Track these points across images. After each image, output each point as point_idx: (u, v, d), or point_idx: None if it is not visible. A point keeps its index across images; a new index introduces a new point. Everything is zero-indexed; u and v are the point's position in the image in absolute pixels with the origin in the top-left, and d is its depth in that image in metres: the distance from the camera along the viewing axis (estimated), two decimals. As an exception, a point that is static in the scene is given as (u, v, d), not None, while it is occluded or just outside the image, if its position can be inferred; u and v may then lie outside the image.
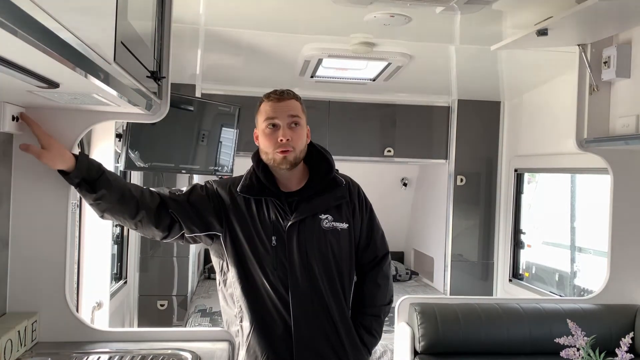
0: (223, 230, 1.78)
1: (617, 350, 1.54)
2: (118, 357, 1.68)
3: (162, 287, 4.01)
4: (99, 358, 1.67)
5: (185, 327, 3.62)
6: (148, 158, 3.06)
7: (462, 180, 4.39)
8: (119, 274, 3.53)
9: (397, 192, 5.57)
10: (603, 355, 1.53)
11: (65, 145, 1.70)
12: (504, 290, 4.23)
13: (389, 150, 4.47)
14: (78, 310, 2.51)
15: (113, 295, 3.09)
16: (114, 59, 1.21)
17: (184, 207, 1.77)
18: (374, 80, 3.89)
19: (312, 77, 3.76)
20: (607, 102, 2.63)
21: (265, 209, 1.77)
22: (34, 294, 1.75)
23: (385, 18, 2.59)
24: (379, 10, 2.52)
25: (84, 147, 2.61)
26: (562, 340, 1.58)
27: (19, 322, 1.63)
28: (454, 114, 4.39)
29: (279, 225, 1.75)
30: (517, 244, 4.17)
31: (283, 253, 1.74)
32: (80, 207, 2.52)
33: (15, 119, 1.60)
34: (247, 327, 1.77)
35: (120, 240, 3.54)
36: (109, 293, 2.84)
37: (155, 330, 1.91)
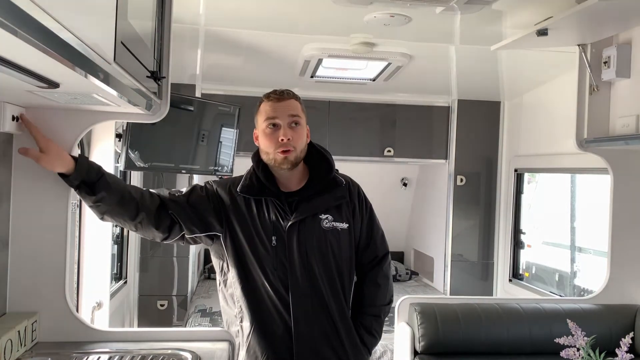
0: (223, 231, 1.78)
1: (617, 350, 1.54)
2: (118, 357, 1.68)
3: (162, 287, 4.01)
4: (99, 358, 1.67)
5: (185, 327, 3.62)
6: (148, 158, 3.06)
7: (462, 180, 4.38)
8: (119, 274, 3.54)
9: (397, 192, 5.56)
10: (603, 355, 1.53)
11: (66, 145, 1.71)
12: (504, 290, 4.22)
13: (389, 150, 4.47)
14: (78, 310, 2.51)
15: (113, 295, 3.09)
16: (114, 59, 1.21)
17: (184, 208, 1.77)
18: (374, 80, 3.89)
19: (312, 77, 3.76)
20: (607, 102, 2.63)
21: (265, 209, 1.77)
22: (34, 294, 1.75)
23: (385, 18, 2.59)
24: (379, 10, 2.52)
25: (84, 147, 2.61)
26: (562, 340, 1.58)
27: (19, 322, 1.63)
28: (454, 114, 4.39)
29: (279, 226, 1.76)
30: (517, 244, 4.17)
31: (283, 253, 1.74)
32: (80, 207, 2.52)
33: (15, 119, 1.60)
34: (247, 327, 1.77)
35: (120, 240, 3.54)
36: (109, 293, 2.84)
37: (155, 330, 1.91)
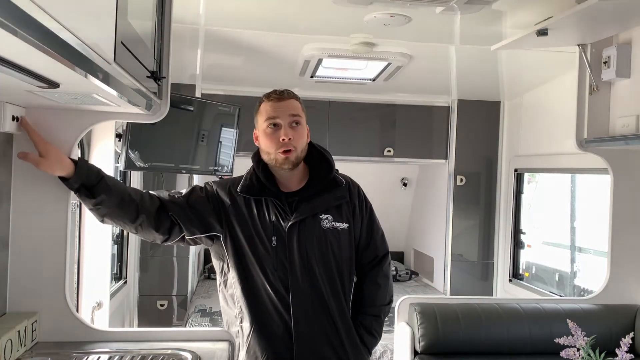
0: (223, 231, 1.78)
1: (617, 350, 1.54)
2: (118, 357, 1.68)
3: (162, 287, 4.01)
4: (99, 358, 1.67)
5: (185, 327, 3.62)
6: (148, 158, 3.06)
7: (462, 180, 4.38)
8: (119, 274, 3.54)
9: (397, 192, 5.56)
10: (603, 356, 1.53)
11: (66, 145, 1.71)
12: (504, 290, 4.22)
13: (389, 150, 4.47)
14: (78, 310, 2.51)
15: (113, 295, 3.09)
16: (114, 59, 1.21)
17: (184, 209, 1.77)
18: (374, 80, 3.89)
19: (312, 77, 3.76)
20: (607, 102, 2.63)
21: (266, 209, 1.77)
22: (34, 294, 1.75)
23: (385, 18, 2.59)
24: (379, 10, 2.52)
25: (84, 147, 2.61)
26: (562, 341, 1.57)
27: (19, 322, 1.63)
28: (454, 114, 4.39)
29: (279, 226, 1.75)
30: (517, 244, 4.17)
31: (283, 253, 1.74)
32: (80, 207, 2.52)
33: (16, 119, 1.60)
34: (247, 327, 1.77)
35: (120, 240, 3.54)
36: (109, 293, 2.84)
37: (155, 330, 1.90)
